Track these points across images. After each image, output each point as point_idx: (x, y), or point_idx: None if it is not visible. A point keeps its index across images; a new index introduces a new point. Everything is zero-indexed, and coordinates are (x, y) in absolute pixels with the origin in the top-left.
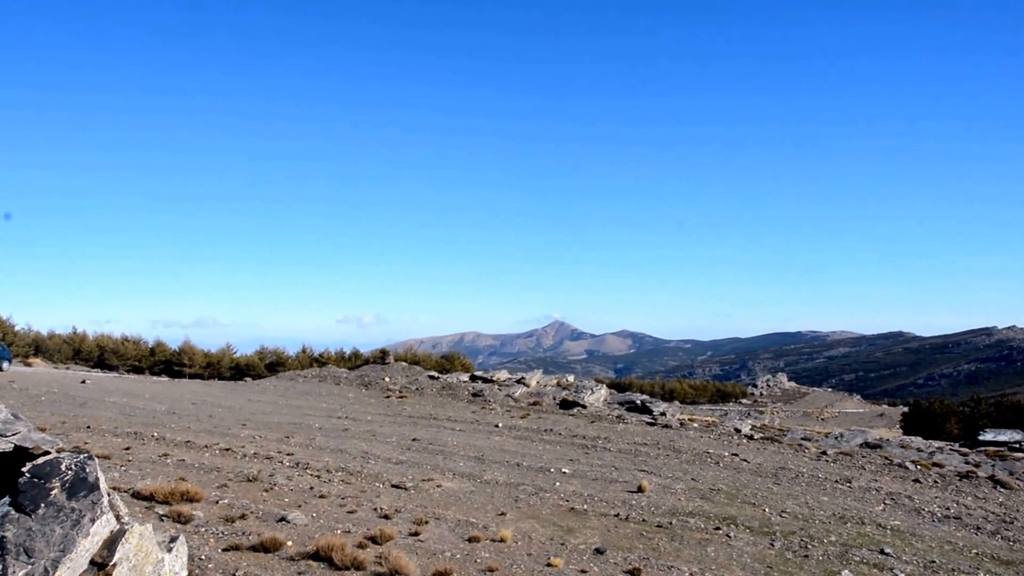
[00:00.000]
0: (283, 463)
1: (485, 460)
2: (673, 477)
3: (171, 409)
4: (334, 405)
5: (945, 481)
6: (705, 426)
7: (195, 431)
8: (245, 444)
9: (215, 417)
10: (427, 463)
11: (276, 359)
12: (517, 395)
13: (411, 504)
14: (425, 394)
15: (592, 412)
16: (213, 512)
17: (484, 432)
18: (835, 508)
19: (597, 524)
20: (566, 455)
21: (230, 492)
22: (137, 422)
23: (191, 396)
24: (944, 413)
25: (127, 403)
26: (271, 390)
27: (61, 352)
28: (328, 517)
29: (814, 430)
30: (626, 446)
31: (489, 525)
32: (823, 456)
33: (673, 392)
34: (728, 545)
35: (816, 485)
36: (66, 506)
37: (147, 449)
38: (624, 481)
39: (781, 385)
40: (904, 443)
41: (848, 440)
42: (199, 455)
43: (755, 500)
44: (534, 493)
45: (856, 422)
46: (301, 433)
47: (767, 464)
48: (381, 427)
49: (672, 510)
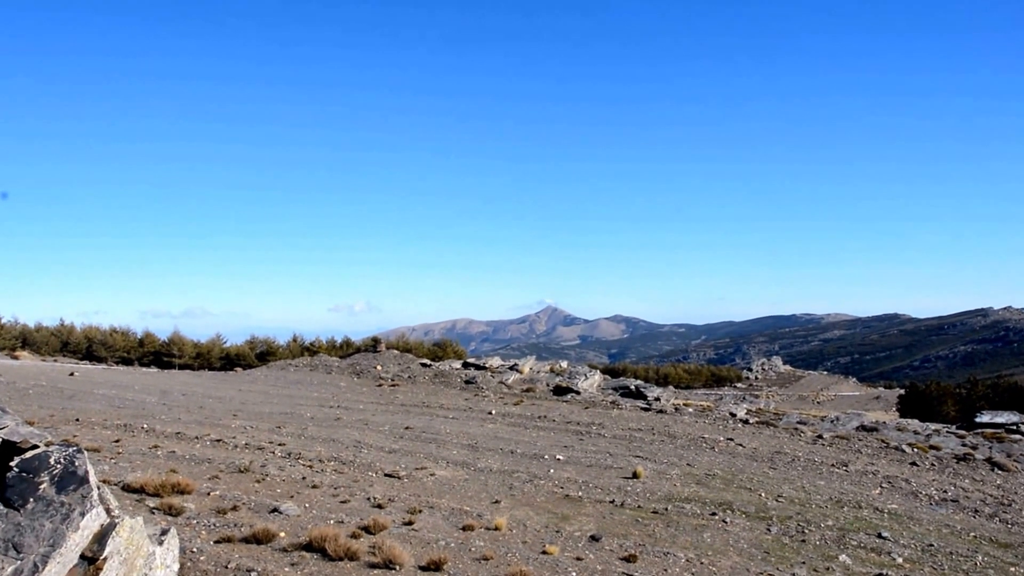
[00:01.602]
0: (275, 453)
1: (478, 448)
2: (668, 463)
3: (161, 400)
4: (326, 394)
5: (942, 464)
6: (700, 411)
7: (185, 422)
8: (236, 435)
9: (205, 408)
10: (420, 451)
11: (267, 348)
12: (510, 382)
13: (404, 493)
14: (417, 382)
15: (586, 398)
16: (204, 504)
17: (477, 419)
18: (832, 492)
19: (592, 511)
20: (560, 442)
21: (221, 483)
22: (126, 414)
23: (181, 387)
24: (941, 395)
25: (116, 395)
26: (262, 380)
27: (49, 344)
28: (321, 507)
29: (810, 414)
30: (621, 432)
31: (483, 513)
32: (819, 440)
33: (667, 377)
34: (724, 531)
35: (812, 469)
36: (55, 500)
37: (137, 441)
38: (619, 467)
39: (776, 369)
40: (901, 426)
41: (844, 423)
42: (190, 446)
43: (751, 485)
44: (528, 480)
45: (852, 405)
46: (293, 423)
47: (763, 448)
48: (373, 416)
49: (668, 496)
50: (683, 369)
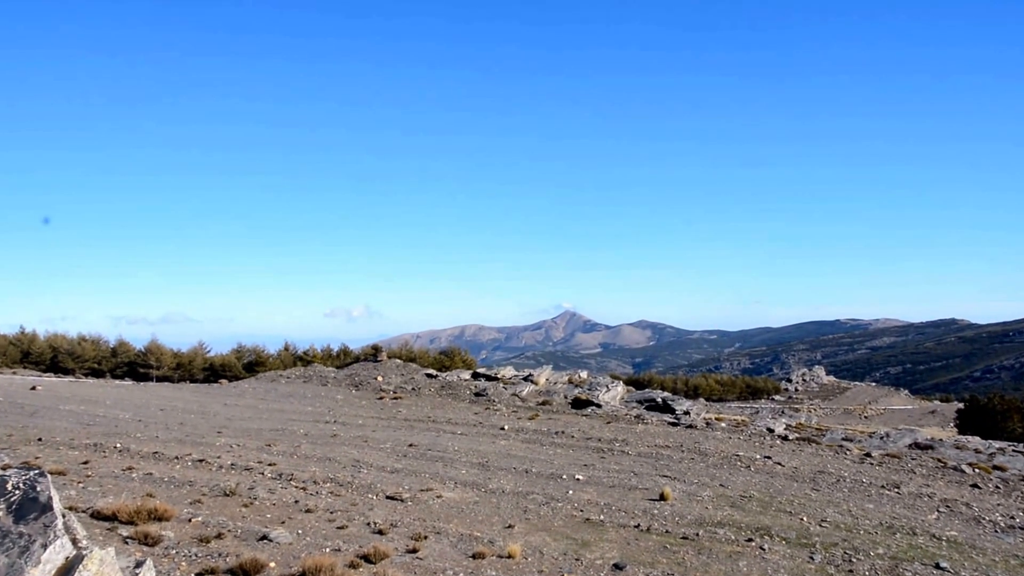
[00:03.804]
0: (264, 474)
1: (490, 467)
2: (699, 483)
3: (136, 416)
4: (321, 408)
5: (1008, 487)
6: (734, 426)
7: (164, 441)
8: (221, 454)
9: (187, 424)
10: (425, 471)
11: (255, 358)
12: (524, 394)
13: (408, 517)
14: (422, 394)
15: (608, 412)
16: (185, 532)
17: (488, 436)
18: (882, 517)
19: (615, 536)
20: (580, 460)
21: (204, 508)
22: (97, 432)
23: (159, 401)
24: (1005, 410)
25: (85, 411)
26: (250, 393)
27: (7, 355)
28: (315, 534)
29: (856, 429)
30: (646, 449)
31: (495, 539)
32: (867, 458)
33: (698, 388)
34: (762, 559)
35: (860, 491)
36: (13, 531)
37: (109, 463)
38: (644, 488)
39: (818, 379)
40: (959, 443)
41: (895, 440)
42: (169, 468)
43: (791, 508)
44: (545, 503)
45: (904, 420)
46: (284, 440)
47: (804, 468)
48: (374, 432)
49: (699, 520)
50: (715, 380)
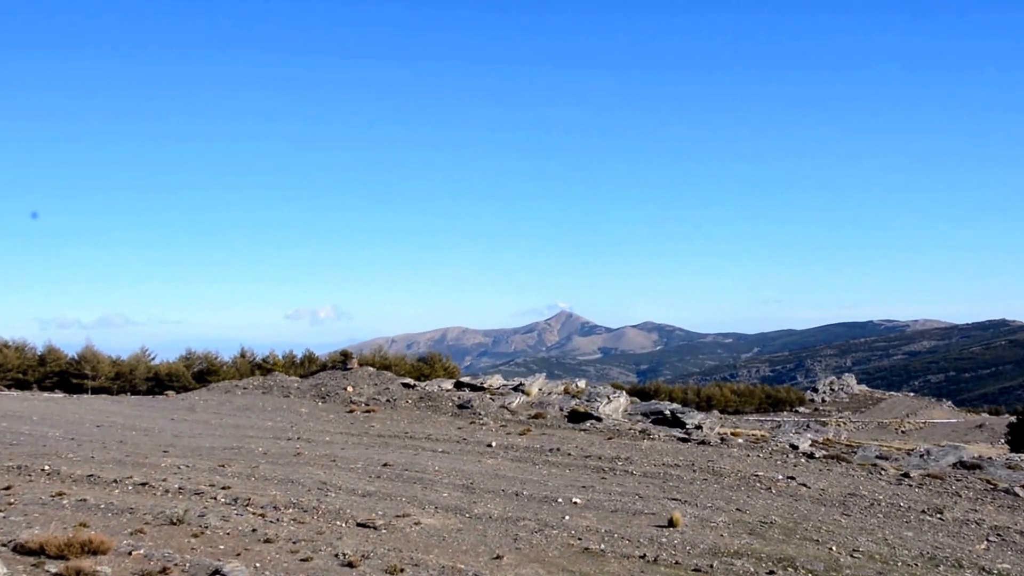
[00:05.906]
0: (217, 499)
1: (475, 489)
2: (713, 507)
3: (68, 434)
4: (283, 423)
5: None
6: (752, 442)
7: (100, 462)
8: (167, 476)
9: (127, 443)
10: (402, 494)
11: (207, 366)
12: (514, 406)
13: (382, 547)
14: (398, 407)
15: (609, 426)
16: (125, 566)
17: (473, 454)
18: (923, 546)
19: (618, 568)
20: (577, 481)
21: (147, 539)
22: (21, 452)
23: (95, 416)
24: None
25: (7, 428)
26: (201, 406)
27: None
28: (275, 567)
29: (892, 446)
30: (653, 469)
31: (482, 572)
32: (905, 479)
33: (711, 399)
34: None
35: (897, 517)
36: None
37: (35, 488)
38: (651, 513)
39: (849, 389)
40: (1011, 462)
41: (937, 459)
42: (106, 493)
43: (818, 536)
44: (538, 530)
45: (947, 435)
46: (240, 460)
47: (833, 490)
48: (343, 450)
49: (712, 549)
50: (731, 390)
